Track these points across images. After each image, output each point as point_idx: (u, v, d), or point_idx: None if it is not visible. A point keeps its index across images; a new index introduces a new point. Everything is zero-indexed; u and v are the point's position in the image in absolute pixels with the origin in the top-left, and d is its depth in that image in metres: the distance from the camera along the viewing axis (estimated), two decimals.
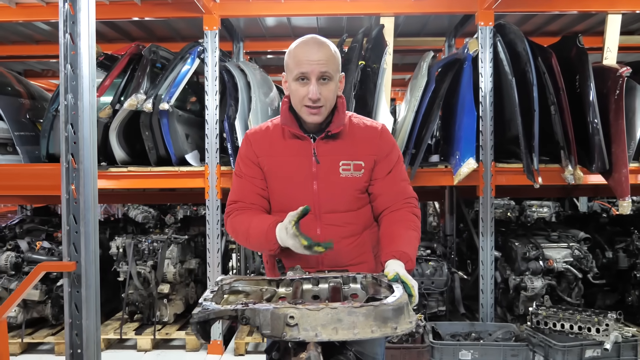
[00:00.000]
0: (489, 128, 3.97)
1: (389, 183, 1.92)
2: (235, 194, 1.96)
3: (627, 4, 4.00)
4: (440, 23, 4.83)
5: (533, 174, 3.75)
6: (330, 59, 1.82)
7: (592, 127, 3.66)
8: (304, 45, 1.83)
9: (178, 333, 4.19)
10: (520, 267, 4.08)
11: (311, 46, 1.82)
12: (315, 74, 1.78)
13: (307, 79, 1.79)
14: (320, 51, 1.80)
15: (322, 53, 1.80)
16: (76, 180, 1.94)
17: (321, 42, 1.84)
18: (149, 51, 4.07)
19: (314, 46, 1.82)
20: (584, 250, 4.14)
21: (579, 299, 4.12)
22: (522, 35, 3.79)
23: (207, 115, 3.99)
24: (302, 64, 1.79)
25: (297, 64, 1.80)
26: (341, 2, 4.02)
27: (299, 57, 1.80)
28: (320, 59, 1.79)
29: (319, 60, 1.78)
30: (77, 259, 1.94)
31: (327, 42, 1.86)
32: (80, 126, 1.93)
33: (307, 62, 1.78)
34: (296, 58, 1.81)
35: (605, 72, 3.80)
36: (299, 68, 1.79)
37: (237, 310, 1.32)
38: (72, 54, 1.95)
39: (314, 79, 1.78)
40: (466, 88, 3.89)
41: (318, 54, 1.80)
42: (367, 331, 1.29)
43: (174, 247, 4.26)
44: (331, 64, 1.81)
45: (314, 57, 1.79)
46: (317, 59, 1.78)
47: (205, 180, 4.00)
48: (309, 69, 1.78)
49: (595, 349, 3.52)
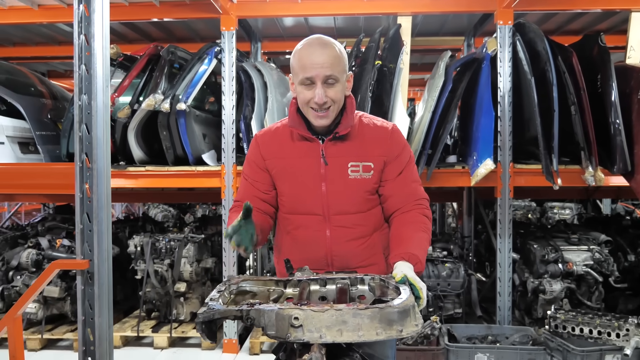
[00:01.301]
0: (507, 128, 3.91)
1: (399, 184, 1.90)
2: (239, 195, 2.00)
3: None
4: (459, 22, 4.78)
5: (552, 175, 3.68)
6: (335, 60, 1.78)
7: (613, 127, 3.58)
8: (307, 48, 1.80)
9: (194, 331, 4.22)
10: (539, 270, 4.01)
11: (315, 48, 1.78)
12: (320, 77, 1.75)
13: (313, 83, 1.77)
14: (325, 53, 1.76)
15: (326, 55, 1.76)
16: (90, 180, 1.97)
17: (325, 43, 1.80)
18: (167, 52, 4.11)
19: (317, 48, 1.78)
20: (605, 253, 4.05)
21: (599, 303, 4.03)
22: (542, 34, 3.73)
23: (224, 115, 4.01)
24: (307, 67, 1.76)
25: (302, 67, 1.77)
26: (358, 2, 4.00)
27: (303, 60, 1.77)
28: (324, 61, 1.75)
29: (323, 63, 1.75)
30: (90, 257, 1.96)
31: (332, 42, 1.82)
32: (94, 126, 1.96)
33: (311, 66, 1.75)
34: (301, 61, 1.78)
35: (628, 71, 3.71)
36: (303, 72, 1.76)
37: (242, 310, 1.33)
38: (87, 55, 1.98)
39: (320, 83, 1.76)
40: (484, 88, 3.84)
41: (322, 56, 1.76)
42: (371, 333, 1.29)
43: (190, 246, 4.30)
44: (336, 65, 1.78)
45: (319, 60, 1.75)
46: (321, 62, 1.75)
47: (221, 179, 4.03)
48: (313, 73, 1.75)
49: (614, 354, 3.43)
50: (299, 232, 1.92)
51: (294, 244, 1.94)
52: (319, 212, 1.88)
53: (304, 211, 1.90)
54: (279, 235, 2.03)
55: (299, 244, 1.92)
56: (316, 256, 1.88)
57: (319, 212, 1.88)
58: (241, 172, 1.98)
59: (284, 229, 1.98)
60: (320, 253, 1.89)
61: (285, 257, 1.94)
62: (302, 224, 1.91)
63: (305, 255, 1.88)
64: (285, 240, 1.97)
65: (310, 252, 1.89)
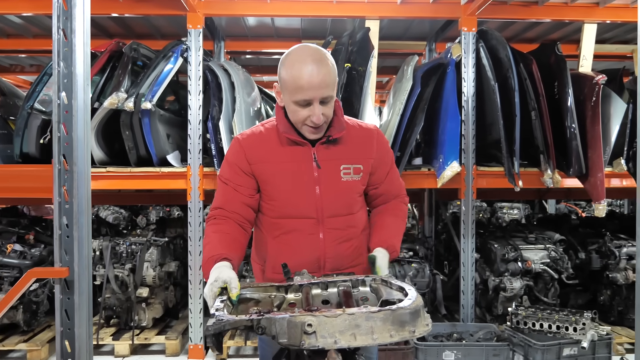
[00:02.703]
0: (470, 132, 4.03)
1: (388, 183, 1.99)
2: (218, 201, 1.89)
3: (602, 15, 4.14)
4: (422, 28, 4.88)
5: (514, 178, 3.83)
6: (331, 77, 1.74)
7: (570, 132, 3.77)
8: (303, 66, 1.70)
9: (157, 338, 4.10)
10: (500, 269, 4.16)
11: (311, 67, 1.69)
12: (317, 99, 1.71)
13: (309, 103, 1.73)
14: (322, 73, 1.70)
15: (322, 75, 1.70)
16: (70, 183, 1.87)
17: (320, 59, 1.73)
18: (129, 48, 3.96)
19: (314, 67, 1.69)
20: (560, 251, 4.26)
21: (555, 299, 4.23)
22: (505, 41, 3.87)
23: (190, 115, 3.91)
24: (304, 89, 1.69)
25: (298, 88, 1.70)
26: (327, 4, 4.01)
27: (300, 82, 1.69)
28: (321, 82, 1.70)
29: (320, 84, 1.70)
30: (69, 265, 1.86)
31: (325, 56, 1.76)
32: (75, 126, 1.85)
33: (309, 88, 1.69)
34: (296, 83, 1.70)
35: (582, 79, 3.92)
36: (300, 94, 1.70)
37: (253, 320, 1.30)
38: (65, 51, 1.88)
39: (317, 103, 1.72)
40: (450, 92, 3.94)
41: (319, 76, 1.69)
42: (385, 336, 1.29)
43: (153, 249, 4.17)
44: (332, 84, 1.74)
45: (316, 81, 1.69)
46: (318, 83, 1.69)
47: (187, 181, 3.93)
48: (310, 96, 1.70)
49: (572, 348, 3.62)
50: (290, 236, 1.89)
51: (283, 249, 1.90)
52: (313, 215, 1.87)
53: (296, 215, 1.88)
54: (262, 240, 1.97)
55: (289, 248, 1.89)
56: (308, 259, 1.86)
57: (312, 215, 1.87)
58: (219, 176, 1.91)
59: (270, 234, 1.93)
60: (313, 256, 1.88)
61: (271, 263, 1.92)
62: (294, 228, 1.89)
63: (297, 259, 1.86)
64: (272, 245, 1.93)
65: (302, 255, 1.87)
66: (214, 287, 1.52)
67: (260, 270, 1.98)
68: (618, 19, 4.18)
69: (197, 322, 3.95)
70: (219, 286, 1.52)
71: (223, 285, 1.52)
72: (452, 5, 4.02)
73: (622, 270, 4.21)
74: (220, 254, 1.66)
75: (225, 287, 1.52)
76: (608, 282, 4.34)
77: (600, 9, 4.10)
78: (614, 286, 4.33)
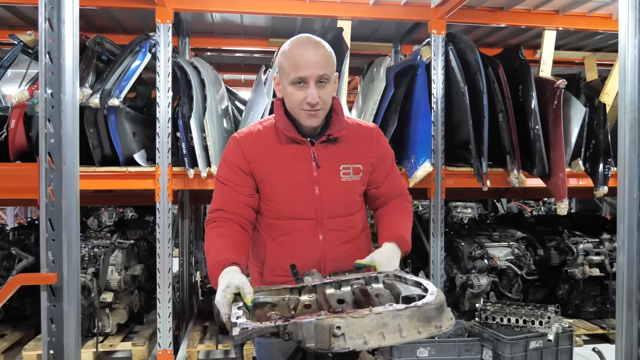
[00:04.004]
0: (440, 133, 4.12)
1: (389, 183, 1.98)
2: (217, 202, 1.84)
3: (561, 22, 4.34)
4: (389, 30, 4.95)
5: (482, 177, 3.94)
6: (328, 60, 1.76)
7: (533, 133, 3.92)
8: (300, 47, 1.75)
9: (123, 344, 3.94)
10: (467, 266, 4.29)
11: (308, 47, 1.75)
12: (313, 77, 1.72)
13: (305, 83, 1.73)
14: (318, 52, 1.74)
15: (319, 54, 1.74)
16: (57, 182, 1.75)
17: (316, 42, 1.78)
18: (94, 42, 3.78)
19: (310, 47, 1.75)
20: (522, 248, 4.44)
21: (518, 294, 4.40)
22: (473, 45, 3.98)
23: (158, 113, 3.78)
24: (300, 67, 1.71)
25: (294, 67, 1.72)
26: (300, 3, 3.98)
27: (296, 59, 1.72)
28: (318, 60, 1.72)
29: (317, 62, 1.72)
30: (57, 270, 1.74)
31: (322, 41, 1.80)
32: (63, 122, 1.73)
33: (305, 65, 1.71)
34: (293, 60, 1.73)
35: (544, 83, 4.09)
36: (296, 72, 1.72)
37: (279, 326, 1.26)
38: (51, 42, 1.76)
39: (313, 83, 1.72)
40: (421, 94, 4.01)
41: (316, 55, 1.73)
42: (413, 333, 1.29)
43: (118, 252, 4.00)
44: (329, 65, 1.76)
45: (312, 59, 1.71)
46: (315, 61, 1.71)
47: (155, 181, 3.78)
48: (307, 73, 1.71)
49: (538, 340, 3.78)
50: (289, 237, 1.86)
51: (282, 251, 1.87)
52: (312, 216, 1.84)
53: (295, 216, 1.85)
54: (260, 242, 1.93)
55: (288, 250, 1.85)
56: (308, 262, 1.83)
57: (311, 216, 1.84)
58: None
59: (268, 236, 1.89)
60: (312, 258, 1.84)
61: (270, 265, 1.88)
62: (293, 229, 1.85)
63: (297, 261, 1.81)
64: (270, 246, 1.89)
65: (302, 257, 1.83)
66: (227, 294, 1.46)
67: (258, 273, 1.93)
68: (575, 26, 4.40)
69: (165, 326, 3.82)
70: (232, 292, 1.47)
71: (236, 291, 1.47)
72: (422, 8, 4.10)
73: (579, 266, 4.44)
74: (227, 259, 1.60)
75: (238, 292, 1.47)
76: (566, 277, 4.56)
77: (559, 16, 4.30)
78: (572, 281, 4.56)
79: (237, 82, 7.07)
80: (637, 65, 2.06)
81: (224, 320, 1.44)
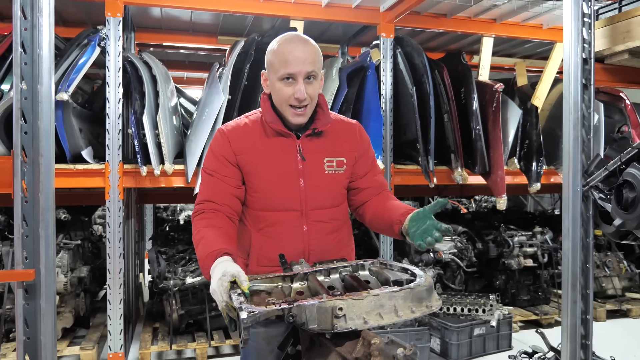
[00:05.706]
0: (389, 132, 4.29)
1: (371, 176, 2.03)
2: (204, 194, 1.86)
3: (498, 30, 4.66)
4: (337, 32, 5.07)
5: (429, 175, 4.16)
6: (316, 57, 1.82)
7: (475, 133, 4.19)
8: (289, 43, 1.80)
9: (70, 349, 3.78)
10: (414, 259, 4.49)
11: (297, 44, 1.80)
12: (302, 74, 1.77)
13: (293, 79, 1.78)
14: (307, 50, 1.79)
15: (308, 51, 1.79)
16: (33, 176, 1.69)
17: (306, 40, 1.84)
18: None
19: (299, 44, 1.80)
20: (464, 242, 4.71)
21: (461, 285, 4.66)
22: (421, 48, 4.19)
23: (108, 109, 3.66)
24: (289, 63, 1.76)
25: (283, 63, 1.76)
26: (254, 2, 4.00)
27: (285, 55, 1.77)
28: (306, 57, 1.77)
29: (305, 59, 1.77)
30: (33, 267, 1.69)
31: (310, 39, 1.85)
32: (40, 115, 1.68)
33: (294, 61, 1.75)
34: (282, 57, 1.77)
35: (484, 87, 4.38)
36: (285, 68, 1.76)
37: (284, 309, 1.32)
38: (24, 31, 1.69)
39: (301, 79, 1.77)
40: (371, 94, 4.16)
41: (305, 52, 1.78)
42: (407, 312, 1.39)
43: (64, 253, 3.83)
44: (317, 62, 1.82)
45: (301, 55, 1.77)
46: (303, 58, 1.77)
47: (105, 179, 3.67)
48: (296, 69, 1.76)
49: (481, 327, 4.04)
50: (274, 228, 1.90)
51: (267, 241, 1.90)
52: (297, 207, 1.89)
53: (280, 207, 1.89)
54: (245, 233, 1.96)
55: (273, 241, 1.90)
56: (293, 252, 1.87)
57: (296, 207, 1.89)
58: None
59: (253, 227, 1.93)
60: (297, 249, 1.90)
61: (255, 256, 1.92)
62: (278, 221, 1.89)
63: (281, 251, 1.86)
64: (255, 237, 1.92)
65: (286, 248, 1.87)
66: (223, 282, 1.49)
67: (243, 264, 1.95)
68: (510, 34, 4.73)
69: (117, 329, 3.71)
70: (229, 280, 1.49)
71: (232, 279, 1.50)
72: (372, 12, 4.25)
73: (515, 257, 4.77)
74: (220, 249, 1.62)
75: (234, 280, 1.50)
76: (503, 268, 4.89)
77: (497, 24, 4.61)
78: (508, 271, 4.89)
79: (180, 80, 6.93)
80: (580, 70, 2.29)
81: (220, 308, 1.47)
